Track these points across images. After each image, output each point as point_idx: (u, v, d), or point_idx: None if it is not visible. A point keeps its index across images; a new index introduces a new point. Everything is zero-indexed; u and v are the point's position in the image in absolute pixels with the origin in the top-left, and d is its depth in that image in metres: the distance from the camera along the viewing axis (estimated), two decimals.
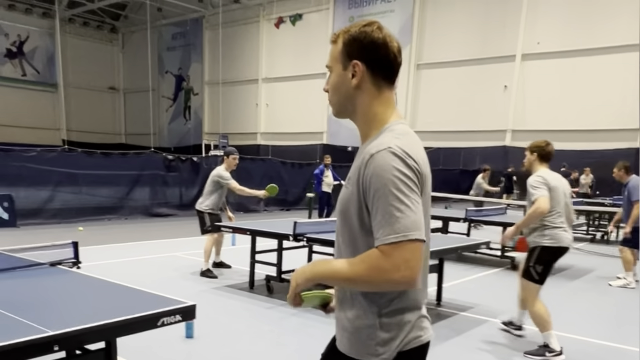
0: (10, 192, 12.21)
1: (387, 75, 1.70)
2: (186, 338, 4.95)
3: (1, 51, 31.01)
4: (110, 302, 2.97)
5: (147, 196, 14.92)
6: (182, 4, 28.92)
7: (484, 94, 22.00)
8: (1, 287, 3.16)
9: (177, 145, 31.35)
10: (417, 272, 1.51)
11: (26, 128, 30.63)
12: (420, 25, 23.42)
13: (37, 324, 2.42)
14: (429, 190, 1.67)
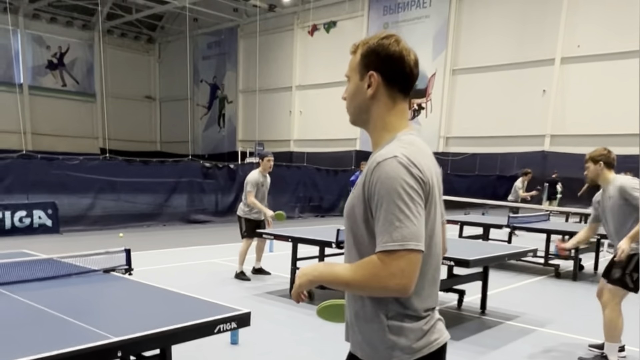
0: (54, 200, 12.49)
1: (403, 87, 1.75)
2: (231, 344, 4.97)
3: (43, 63, 31.92)
4: (166, 309, 2.99)
5: (184, 203, 15.10)
6: (217, 13, 29.32)
7: (521, 99, 21.65)
8: (61, 293, 3.23)
9: (211, 153, 31.71)
10: (411, 281, 1.56)
11: (65, 137, 31.41)
12: (456, 31, 23.21)
13: (100, 330, 2.45)
14: (437, 198, 1.71)
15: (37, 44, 31.48)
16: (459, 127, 23.05)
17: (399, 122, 1.76)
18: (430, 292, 1.74)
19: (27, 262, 3.63)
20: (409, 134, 1.73)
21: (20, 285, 3.30)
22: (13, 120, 30.48)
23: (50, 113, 31.05)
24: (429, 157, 1.70)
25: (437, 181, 1.71)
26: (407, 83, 1.76)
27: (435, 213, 1.70)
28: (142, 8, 30.10)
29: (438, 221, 1.73)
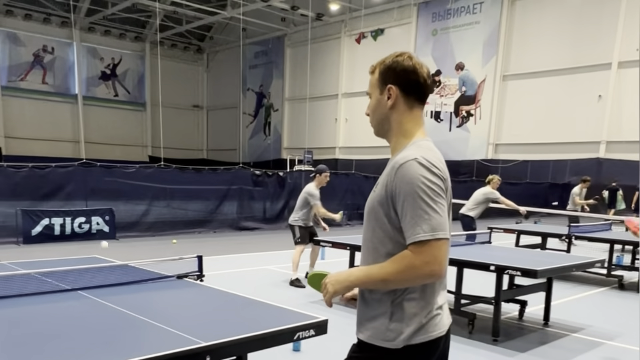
0: (111, 206, 12.86)
1: (418, 95, 1.97)
2: (294, 351, 4.98)
3: (96, 74, 33.00)
4: (244, 315, 3.03)
5: (234, 210, 15.29)
6: (265, 23, 29.70)
7: (575, 104, 21.07)
8: (142, 298, 3.32)
9: (256, 160, 32.05)
10: (444, 266, 1.79)
11: (116, 145, 32.34)
12: (507, 36, 22.80)
13: (187, 334, 2.51)
14: (450, 198, 1.91)
15: (92, 56, 32.59)
16: (509, 133, 22.60)
17: (416, 128, 1.97)
18: (433, 287, 1.89)
19: (106, 268, 3.75)
20: (425, 140, 1.94)
21: (103, 289, 3.40)
22: (67, 129, 31.63)
23: (102, 122, 32.04)
24: (443, 162, 1.89)
25: (449, 185, 1.89)
26: (422, 92, 1.97)
27: (449, 210, 1.89)
28: (192, 19, 30.78)
29: (450, 217, 1.91)
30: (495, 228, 8.76)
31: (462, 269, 5.86)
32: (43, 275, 3.50)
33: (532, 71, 22.13)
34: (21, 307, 3.01)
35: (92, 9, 29.64)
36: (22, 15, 29.27)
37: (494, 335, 5.56)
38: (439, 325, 1.90)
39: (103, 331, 2.61)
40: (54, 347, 2.38)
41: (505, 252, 6.76)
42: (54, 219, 11.91)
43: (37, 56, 30.63)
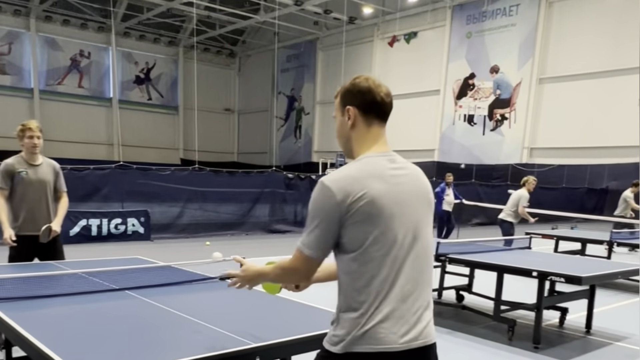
0: (146, 208, 13.05)
1: (377, 114, 2.04)
2: None
3: (131, 78, 33.58)
4: (287, 317, 3.03)
5: (266, 213, 15.35)
6: (298, 27, 29.83)
7: (614, 108, 20.54)
8: (188, 299, 3.35)
9: (287, 163, 32.16)
10: (299, 278, 2.14)
11: (148, 148, 32.83)
12: (544, 38, 22.38)
13: (236, 335, 2.51)
14: (369, 208, 1.87)
15: (127, 60, 33.20)
16: (545, 137, 22.17)
17: (372, 145, 2.02)
18: (376, 301, 1.90)
19: (150, 269, 3.79)
20: (368, 157, 1.98)
21: (149, 289, 3.44)
22: (101, 132, 32.25)
23: (135, 125, 32.56)
24: (364, 176, 1.90)
25: (387, 197, 1.89)
26: (380, 110, 2.04)
27: (377, 225, 1.88)
28: (226, 24, 31.09)
29: (379, 225, 1.89)
30: (534, 233, 8.60)
31: (502, 274, 5.77)
32: (90, 275, 3.56)
33: (569, 74, 21.65)
34: (73, 306, 3.07)
35: (128, 14, 30.19)
36: (61, 20, 29.99)
37: (534, 342, 5.46)
38: (382, 341, 1.89)
39: (155, 330, 2.65)
40: (109, 345, 2.41)
41: (546, 258, 6.64)
42: (92, 220, 12.16)
43: (74, 61, 31.34)
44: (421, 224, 1.99)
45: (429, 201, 2.06)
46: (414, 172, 2.06)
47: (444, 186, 13.66)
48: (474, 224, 18.92)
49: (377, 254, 1.90)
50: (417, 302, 1.95)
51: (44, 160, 4.99)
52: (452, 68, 25.28)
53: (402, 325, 1.91)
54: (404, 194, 1.95)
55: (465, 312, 6.62)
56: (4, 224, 4.70)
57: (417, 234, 1.97)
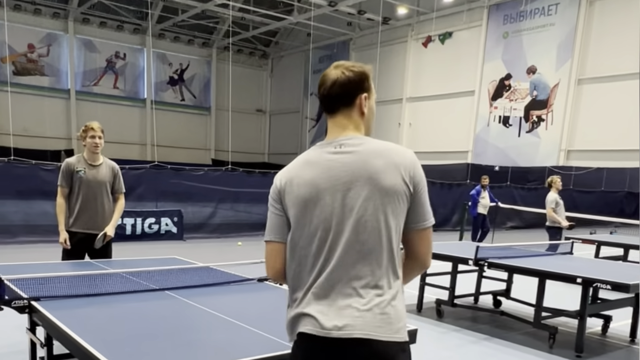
0: (179, 208, 13.17)
1: (325, 108, 2.04)
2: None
3: (165, 79, 34.02)
4: None
5: None
6: (331, 28, 29.80)
7: None
8: (227, 300, 3.32)
9: None
10: (268, 269, 2.01)
11: (180, 148, 33.18)
12: (584, 38, 21.83)
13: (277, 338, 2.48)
14: (297, 194, 1.89)
15: (161, 62, 33.64)
16: (583, 139, 21.63)
17: (326, 137, 2.01)
18: (296, 283, 1.91)
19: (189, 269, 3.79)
20: (314, 147, 2.00)
21: (188, 290, 3.43)
22: (135, 132, 32.75)
23: (168, 126, 32.93)
24: (295, 170, 1.94)
25: (313, 183, 1.87)
26: (324, 105, 2.02)
27: (305, 209, 1.87)
28: (259, 25, 31.24)
29: (302, 219, 1.89)
30: (574, 238, 8.38)
31: (544, 280, 5.61)
32: (131, 275, 3.57)
33: (610, 74, 21.03)
34: (115, 305, 3.08)
35: (163, 16, 30.58)
36: (98, 22, 30.55)
37: (577, 351, 5.30)
38: (299, 326, 1.90)
39: (196, 332, 2.62)
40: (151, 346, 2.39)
41: (588, 264, 6.45)
42: (126, 219, 12.30)
43: (110, 62, 31.88)
44: (349, 212, 1.84)
45: (376, 184, 1.84)
46: (360, 155, 1.88)
47: (480, 189, 13.42)
48: (508, 227, 18.61)
49: (299, 240, 1.90)
50: (343, 289, 1.84)
51: (104, 161, 5.13)
52: (488, 69, 24.90)
53: (315, 313, 1.86)
54: (326, 181, 1.86)
55: (503, 318, 6.48)
56: (61, 224, 4.90)
57: (346, 220, 1.84)
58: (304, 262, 1.89)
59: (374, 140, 1.94)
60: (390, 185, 1.83)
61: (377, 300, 1.82)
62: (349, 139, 1.93)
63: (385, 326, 1.80)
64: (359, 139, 1.93)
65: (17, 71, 28.65)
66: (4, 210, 11.50)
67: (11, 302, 3.00)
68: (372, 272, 1.83)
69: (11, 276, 3.19)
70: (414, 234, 1.92)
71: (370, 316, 1.80)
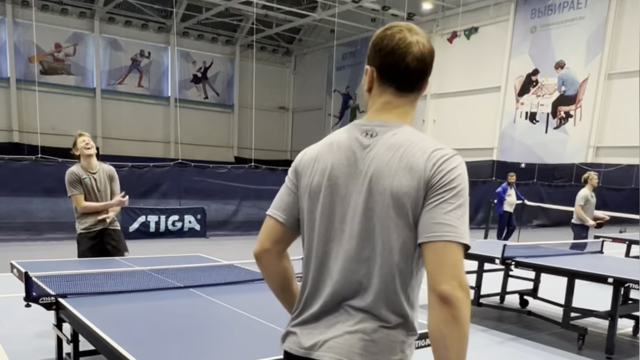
0: (202, 205, 13.24)
1: (395, 80, 1.63)
2: None
3: (189, 77, 34.26)
4: None
5: None
6: (354, 24, 29.68)
7: None
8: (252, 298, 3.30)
9: None
10: (260, 241, 1.76)
11: (203, 146, 33.40)
12: (615, 31, 21.32)
13: None
14: (310, 180, 1.66)
15: (185, 60, 33.88)
16: (613, 135, 21.15)
17: (367, 115, 1.68)
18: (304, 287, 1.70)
19: (213, 267, 3.78)
20: (348, 125, 1.68)
21: (213, 288, 3.42)
22: (159, 130, 33.07)
23: (191, 123, 33.13)
24: (315, 149, 1.70)
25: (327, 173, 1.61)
26: (399, 77, 1.61)
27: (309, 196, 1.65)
28: (283, 22, 31.27)
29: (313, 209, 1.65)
30: (604, 237, 8.19)
31: (574, 280, 5.49)
32: (156, 272, 3.57)
33: None
34: (141, 303, 3.09)
35: (187, 14, 30.78)
36: (123, 22, 30.89)
37: (607, 352, 5.18)
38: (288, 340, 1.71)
39: (222, 330, 2.63)
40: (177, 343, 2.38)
41: (619, 263, 6.29)
42: (150, 216, 12.42)
43: (135, 60, 32.21)
44: (350, 214, 1.58)
45: (378, 186, 1.54)
46: (378, 149, 1.57)
47: (506, 186, 13.23)
48: (534, 225, 18.34)
49: (306, 231, 1.69)
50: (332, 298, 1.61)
51: (100, 167, 5.27)
52: (514, 64, 24.52)
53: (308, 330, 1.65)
54: (347, 174, 1.58)
55: (530, 318, 6.37)
56: (105, 205, 5.11)
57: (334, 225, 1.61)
58: (307, 265, 1.70)
59: (406, 132, 1.59)
60: (392, 188, 1.51)
61: (368, 325, 1.55)
62: (384, 125, 1.61)
63: (367, 355, 1.53)
64: (393, 128, 1.60)
65: (44, 70, 29.14)
66: (32, 208, 11.72)
67: (39, 299, 3.03)
68: (368, 293, 1.56)
69: (39, 273, 3.22)
70: (423, 250, 1.49)
71: (354, 340, 1.54)
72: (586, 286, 5.65)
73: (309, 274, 1.68)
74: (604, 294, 5.37)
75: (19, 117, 27.92)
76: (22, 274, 3.14)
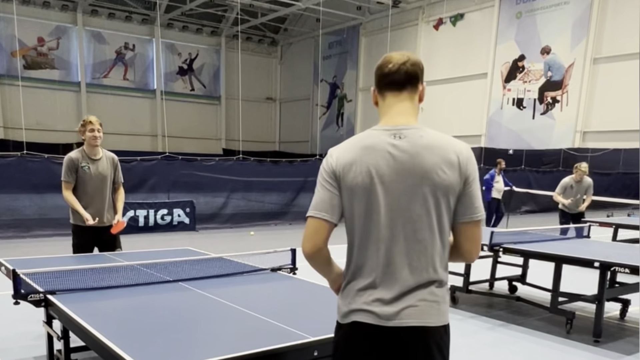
0: (191, 199, 13.20)
1: (387, 84, 2.03)
2: None
3: (174, 69, 33.99)
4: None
5: (309, 202, 15.26)
6: (341, 13, 29.56)
7: None
8: (241, 290, 3.31)
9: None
10: (306, 241, 1.99)
11: (191, 138, 33.25)
12: (600, 16, 21.34)
13: (293, 329, 2.46)
14: (355, 180, 1.91)
15: (170, 52, 33.59)
16: (600, 120, 21.25)
17: (382, 119, 2.03)
18: (357, 265, 1.96)
19: (203, 260, 3.77)
20: (371, 130, 1.99)
21: (202, 281, 3.42)
22: (146, 123, 32.84)
23: (178, 116, 32.90)
24: (351, 150, 1.95)
25: (373, 172, 1.89)
26: (387, 79, 2.01)
27: (359, 199, 1.91)
28: (268, 12, 31.07)
29: (357, 200, 1.92)
30: (591, 221, 8.28)
31: (561, 265, 5.54)
32: (145, 267, 3.56)
33: (627, 53, 20.50)
34: (130, 298, 3.09)
35: (171, 5, 30.48)
36: (106, 14, 30.54)
37: (595, 336, 5.26)
38: (359, 312, 1.94)
39: (211, 323, 2.62)
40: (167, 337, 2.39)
41: (605, 247, 6.36)
42: (139, 210, 12.37)
43: (119, 53, 31.88)
44: (405, 205, 1.90)
45: (430, 180, 1.90)
46: (418, 149, 1.92)
47: (494, 173, 13.31)
48: (523, 211, 18.49)
49: (355, 225, 1.96)
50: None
51: (103, 154, 5.18)
52: (501, 50, 24.53)
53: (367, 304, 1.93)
54: (386, 174, 1.90)
55: (519, 304, 6.44)
56: (80, 210, 4.95)
57: (399, 215, 1.90)
58: (364, 254, 1.94)
59: (431, 133, 1.97)
60: (444, 181, 1.89)
61: (433, 289, 1.92)
62: (408, 128, 1.97)
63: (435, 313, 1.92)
64: (417, 130, 1.97)
65: (28, 65, 28.78)
66: (19, 205, 11.62)
67: (27, 296, 3.01)
68: (427, 265, 1.91)
69: (27, 270, 3.20)
70: (460, 228, 1.97)
71: (426, 305, 1.90)
72: (574, 271, 5.71)
73: (372, 258, 1.93)
74: (591, 278, 5.43)
75: (3, 113, 27.59)
76: (10, 272, 3.13)
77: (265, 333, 2.43)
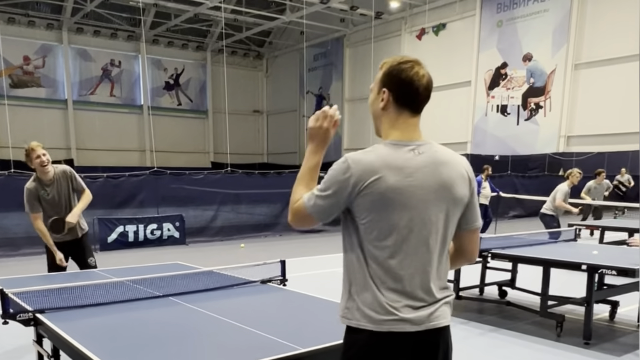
0: (180, 213, 13.15)
1: (411, 107, 2.02)
2: None
3: (161, 84, 34.00)
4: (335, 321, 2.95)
5: None
6: (324, 25, 29.75)
7: None
8: (231, 304, 3.32)
9: None
10: (294, 222, 2.10)
11: (179, 153, 33.20)
12: (579, 22, 21.69)
13: (284, 340, 2.46)
14: (382, 189, 1.89)
15: (156, 67, 33.61)
16: (583, 124, 21.52)
17: (398, 132, 2.00)
18: (385, 273, 1.95)
19: (192, 274, 3.78)
20: (390, 144, 1.97)
21: (192, 295, 3.42)
22: (133, 139, 32.76)
23: (166, 131, 32.89)
24: (388, 165, 1.91)
25: (394, 188, 1.89)
26: (414, 103, 2.02)
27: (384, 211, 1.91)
28: (252, 26, 31.19)
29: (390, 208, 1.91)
30: (577, 225, 8.36)
31: (549, 269, 5.59)
32: (134, 282, 3.56)
33: (606, 58, 20.88)
34: (119, 314, 3.07)
35: (156, 22, 30.55)
36: (92, 32, 30.53)
37: (585, 338, 5.29)
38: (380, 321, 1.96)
39: (202, 337, 2.61)
40: (157, 353, 2.38)
41: (593, 250, 6.42)
42: (128, 226, 12.29)
43: (105, 70, 31.87)
44: (432, 218, 1.95)
45: (451, 195, 1.98)
46: (435, 164, 1.97)
47: (480, 179, 13.39)
48: (510, 216, 18.61)
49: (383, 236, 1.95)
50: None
51: (55, 173, 5.16)
52: (483, 58, 24.84)
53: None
54: (416, 188, 1.92)
55: (509, 309, 6.47)
56: (53, 247, 5.08)
57: (422, 228, 1.95)
58: (394, 264, 1.95)
59: (440, 147, 2.04)
60: (461, 196, 2.00)
61: (447, 293, 2.05)
62: (423, 144, 2.01)
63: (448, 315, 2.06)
64: (431, 145, 2.02)
65: (14, 84, 28.67)
66: (7, 223, 11.51)
67: (16, 316, 3.00)
68: (445, 272, 2.06)
69: (15, 289, 3.19)
70: (465, 234, 2.10)
71: (446, 307, 2.04)
72: (562, 274, 5.76)
73: (404, 268, 1.95)
74: (580, 281, 5.48)
75: None
76: None
77: (256, 346, 2.43)
